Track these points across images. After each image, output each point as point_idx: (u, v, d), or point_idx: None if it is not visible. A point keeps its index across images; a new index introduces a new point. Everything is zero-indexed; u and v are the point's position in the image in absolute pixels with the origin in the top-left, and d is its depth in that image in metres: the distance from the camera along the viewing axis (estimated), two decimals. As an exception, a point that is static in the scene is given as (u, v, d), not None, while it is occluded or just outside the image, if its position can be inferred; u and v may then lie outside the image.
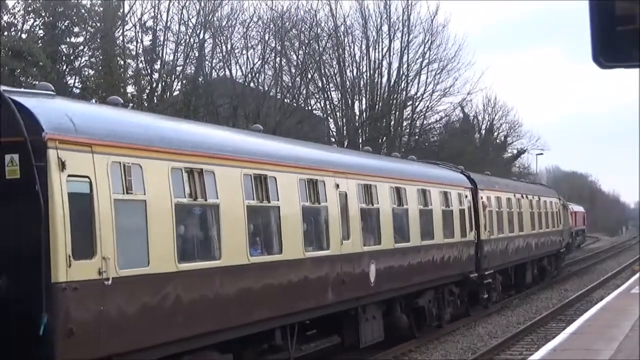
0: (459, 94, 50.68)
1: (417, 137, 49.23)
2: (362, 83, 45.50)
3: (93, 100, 32.92)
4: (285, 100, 40.59)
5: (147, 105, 35.20)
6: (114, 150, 10.38)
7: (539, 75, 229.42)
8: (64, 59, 35.45)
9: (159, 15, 36.56)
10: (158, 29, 36.89)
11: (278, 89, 40.67)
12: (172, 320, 11.09)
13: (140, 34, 36.52)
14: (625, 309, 20.49)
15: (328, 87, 44.95)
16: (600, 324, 18.45)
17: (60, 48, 35.17)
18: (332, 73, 44.63)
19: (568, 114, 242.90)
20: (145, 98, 36.92)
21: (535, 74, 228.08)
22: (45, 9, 34.22)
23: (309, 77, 42.46)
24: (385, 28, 45.94)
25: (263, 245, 13.40)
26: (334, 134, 44.80)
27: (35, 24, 34.70)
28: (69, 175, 9.60)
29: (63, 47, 35.34)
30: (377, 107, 45.52)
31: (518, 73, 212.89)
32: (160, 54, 37.35)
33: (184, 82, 37.87)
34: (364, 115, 45.65)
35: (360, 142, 42.80)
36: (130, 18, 36.14)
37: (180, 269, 11.22)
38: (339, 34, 44.13)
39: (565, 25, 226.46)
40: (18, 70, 31.70)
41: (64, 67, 35.52)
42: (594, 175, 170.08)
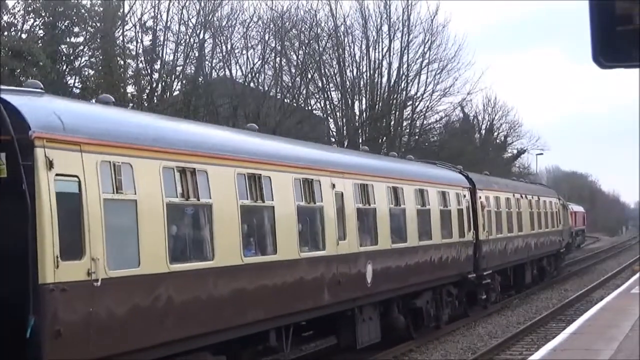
0: (459, 94, 50.62)
1: (417, 137, 49.07)
2: (362, 83, 45.34)
3: (93, 100, 32.75)
4: (285, 100, 40.44)
5: (147, 105, 35.09)
6: (104, 149, 10.21)
7: (539, 75, 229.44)
8: (64, 59, 35.33)
9: (159, 15, 36.48)
10: (158, 29, 36.81)
11: (278, 89, 40.54)
12: (163, 322, 10.93)
13: (140, 34, 36.43)
14: (625, 309, 20.45)
15: (328, 87, 44.86)
16: (600, 324, 18.40)
17: (60, 48, 35.06)
18: (332, 73, 44.52)
19: (568, 114, 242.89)
20: (145, 98, 36.81)
21: (535, 74, 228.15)
22: (45, 9, 34.11)
23: (309, 77, 42.32)
24: (385, 28, 45.89)
25: (257, 246, 13.20)
26: (334, 134, 44.63)
27: (35, 24, 34.60)
28: (57, 175, 9.45)
29: (63, 47, 35.24)
30: (377, 107, 45.34)
31: (518, 73, 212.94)
32: (160, 54, 37.25)
33: (184, 82, 37.73)
34: (364, 115, 45.48)
35: (360, 142, 42.63)
36: (130, 18, 36.05)
37: (172, 270, 11.06)
38: (339, 34, 44.02)
39: (565, 25, 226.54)
40: (18, 70, 31.60)
41: (64, 67, 35.39)
42: (594, 175, 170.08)
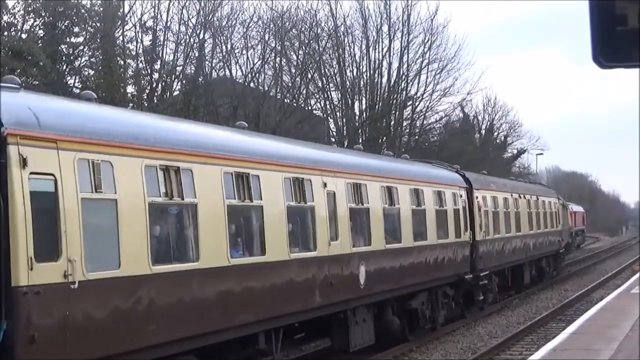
0: (459, 94, 50.32)
1: (417, 137, 48.71)
2: (362, 83, 44.98)
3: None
4: (285, 100, 40.11)
5: (147, 105, 34.79)
6: (82, 147, 9.79)
7: (539, 75, 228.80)
8: (64, 59, 35.08)
9: (159, 15, 36.24)
10: (158, 29, 36.60)
11: (278, 89, 40.19)
12: (145, 326, 10.49)
13: (140, 34, 36.19)
14: (625, 309, 20.29)
15: (328, 87, 44.53)
16: (600, 324, 18.26)
17: (60, 48, 34.83)
18: (332, 73, 44.18)
19: (568, 114, 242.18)
20: (145, 98, 36.53)
21: (535, 74, 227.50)
22: (45, 9, 33.88)
23: (309, 77, 41.97)
24: (385, 28, 45.54)
25: (245, 247, 12.74)
26: (334, 134, 44.23)
27: (35, 24, 34.37)
28: (32, 173, 9.05)
29: (63, 47, 35.00)
30: (377, 107, 44.96)
31: (518, 73, 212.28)
32: (160, 54, 36.99)
33: (184, 82, 37.40)
34: (364, 115, 45.11)
35: (360, 142, 42.22)
36: (130, 18, 35.79)
37: (155, 272, 10.62)
38: (339, 34, 43.68)
39: (565, 25, 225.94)
40: (18, 70, 31.29)
41: (64, 67, 35.12)
42: (594, 175, 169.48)
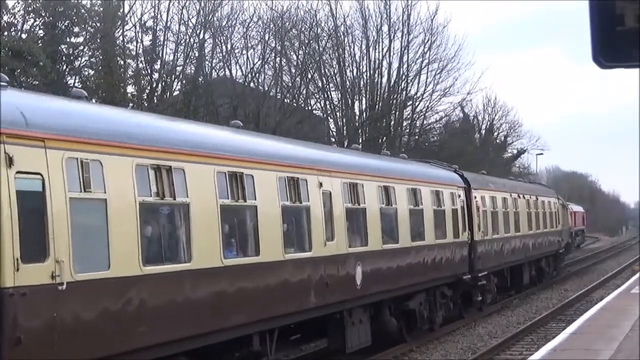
0: (459, 94, 50.08)
1: (417, 137, 48.47)
2: (362, 83, 44.76)
3: (93, 100, 32.17)
4: (285, 100, 39.87)
5: (147, 106, 34.58)
6: (70, 146, 9.52)
7: (539, 75, 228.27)
8: (64, 59, 34.90)
9: (159, 15, 36.08)
10: (158, 29, 36.46)
11: (278, 89, 39.96)
12: (136, 327, 10.21)
13: (140, 34, 36.03)
14: (625, 309, 20.18)
15: (328, 87, 44.33)
16: (600, 324, 18.15)
17: (60, 48, 34.67)
18: (332, 73, 43.97)
19: (568, 114, 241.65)
20: (145, 98, 36.36)
21: (535, 74, 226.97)
22: (45, 9, 33.71)
23: (309, 77, 41.72)
24: (385, 28, 45.30)
25: (239, 247, 12.45)
26: (334, 134, 43.98)
27: (35, 24, 34.20)
28: (18, 172, 8.78)
29: (63, 47, 34.79)
30: (377, 107, 44.72)
31: (518, 73, 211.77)
32: (160, 54, 36.82)
33: (184, 82, 37.16)
34: (364, 115, 44.88)
35: (360, 142, 41.97)
36: (130, 18, 35.62)
37: (146, 273, 10.35)
38: (339, 34, 43.49)
39: (565, 25, 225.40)
40: (18, 70, 31.14)
41: (64, 67, 34.93)
42: (594, 175, 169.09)
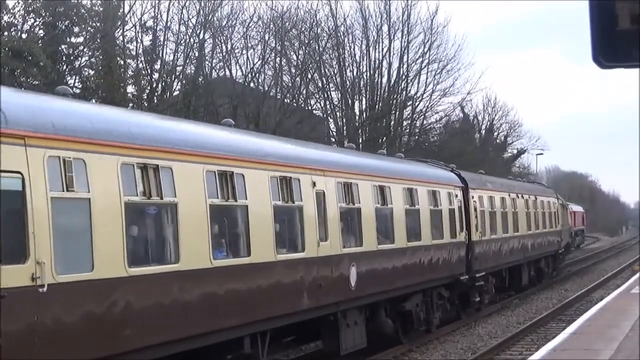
0: (459, 94, 49.73)
1: (417, 137, 48.10)
2: (362, 83, 44.45)
3: (93, 100, 31.85)
4: (285, 100, 39.52)
5: (147, 105, 34.26)
6: (52, 144, 9.14)
7: (539, 75, 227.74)
8: (64, 59, 34.59)
9: (159, 15, 35.79)
10: (158, 29, 36.16)
11: (278, 89, 39.62)
12: (121, 331, 9.85)
13: (140, 34, 35.74)
14: (625, 309, 20.00)
15: (328, 87, 44.02)
16: (600, 324, 17.97)
17: (60, 48, 34.39)
18: (332, 73, 43.66)
19: (568, 114, 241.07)
20: (145, 98, 36.06)
21: (535, 74, 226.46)
22: (45, 9, 33.45)
23: (309, 77, 41.37)
24: (385, 28, 44.95)
25: (229, 248, 12.06)
26: (334, 134, 43.61)
27: (35, 24, 33.95)
28: (-4, 171, 8.35)
29: (63, 47, 34.50)
30: (377, 107, 44.39)
31: (518, 73, 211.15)
32: (160, 54, 36.50)
33: (184, 82, 36.83)
34: (364, 115, 44.56)
35: (360, 142, 41.62)
36: (130, 18, 35.32)
37: (131, 274, 9.98)
38: (339, 34, 43.17)
39: (565, 26, 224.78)
40: (18, 70, 30.86)
41: (64, 67, 34.60)
42: (594, 175, 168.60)
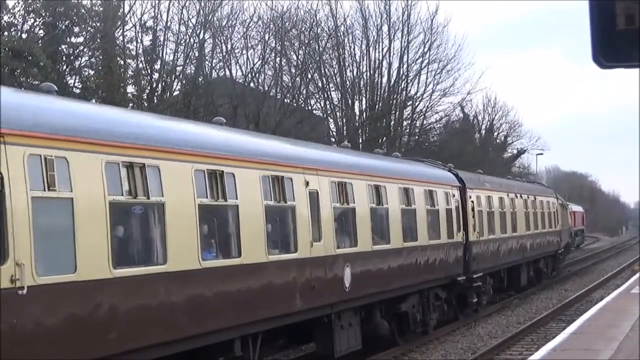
0: (459, 94, 49.41)
1: (417, 137, 47.77)
2: (362, 83, 44.16)
3: (93, 100, 31.56)
4: (285, 100, 39.21)
5: (147, 105, 33.97)
6: (32, 142, 8.79)
7: (539, 75, 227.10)
8: (64, 59, 34.31)
9: (159, 15, 35.54)
10: (158, 29, 35.89)
11: (278, 89, 39.31)
12: (105, 334, 9.50)
13: (140, 34, 35.47)
14: (625, 309, 19.87)
15: (328, 87, 43.75)
16: (600, 324, 17.85)
17: (60, 48, 34.11)
18: (332, 73, 43.38)
19: (568, 114, 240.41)
20: (145, 98, 35.79)
21: (535, 74, 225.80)
22: (45, 9, 33.20)
23: (309, 77, 41.05)
24: (385, 28, 44.64)
25: (219, 249, 11.70)
26: (334, 134, 43.27)
27: (35, 24, 33.70)
28: (-27, 170, 8.02)
29: (63, 47, 34.22)
30: (377, 107, 44.09)
31: (518, 73, 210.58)
32: (160, 54, 36.22)
33: (184, 82, 36.53)
34: (364, 115, 44.27)
35: (360, 142, 41.28)
36: (130, 18, 35.07)
37: (116, 276, 9.62)
38: (339, 34, 42.87)
39: (565, 26, 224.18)
40: (18, 70, 30.59)
41: (64, 67, 34.32)
42: (594, 175, 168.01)
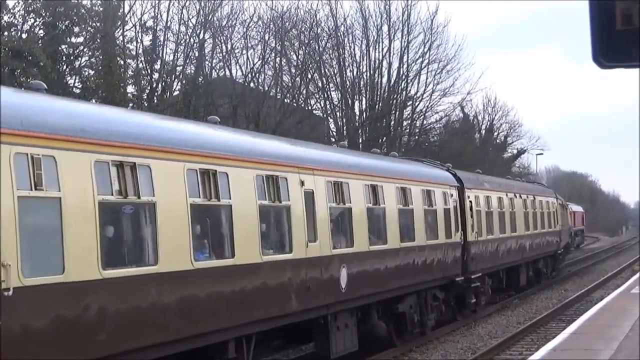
0: (459, 94, 49.15)
1: (417, 137, 47.52)
2: (362, 83, 43.93)
3: (93, 101, 31.36)
4: (285, 100, 38.97)
5: (147, 105, 33.75)
6: (18, 140, 8.57)
7: (539, 75, 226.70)
8: (64, 59, 34.09)
9: (159, 15, 35.34)
10: (158, 29, 35.68)
11: (278, 89, 39.06)
12: (94, 336, 9.26)
13: (140, 34, 35.26)
14: (625, 309, 19.77)
15: (328, 87, 43.53)
16: (600, 324, 17.76)
17: (60, 48, 33.89)
18: (332, 73, 43.16)
19: (568, 114, 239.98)
20: (145, 98, 35.57)
21: (535, 74, 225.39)
22: (45, 9, 33.02)
23: (309, 77, 40.80)
24: (385, 28, 44.41)
25: (212, 249, 11.45)
26: (334, 134, 43.02)
27: (35, 24, 33.51)
28: (-42, 169, 7.78)
29: (63, 47, 34.00)
30: (377, 107, 43.86)
31: (518, 73, 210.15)
32: (160, 54, 35.99)
33: (184, 82, 36.31)
34: (364, 115, 44.04)
35: (360, 142, 41.04)
36: (130, 18, 34.86)
37: (106, 277, 9.38)
38: (339, 34, 42.63)
39: (565, 26, 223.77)
40: (18, 70, 30.36)
41: (64, 67, 34.11)
42: (594, 175, 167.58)
